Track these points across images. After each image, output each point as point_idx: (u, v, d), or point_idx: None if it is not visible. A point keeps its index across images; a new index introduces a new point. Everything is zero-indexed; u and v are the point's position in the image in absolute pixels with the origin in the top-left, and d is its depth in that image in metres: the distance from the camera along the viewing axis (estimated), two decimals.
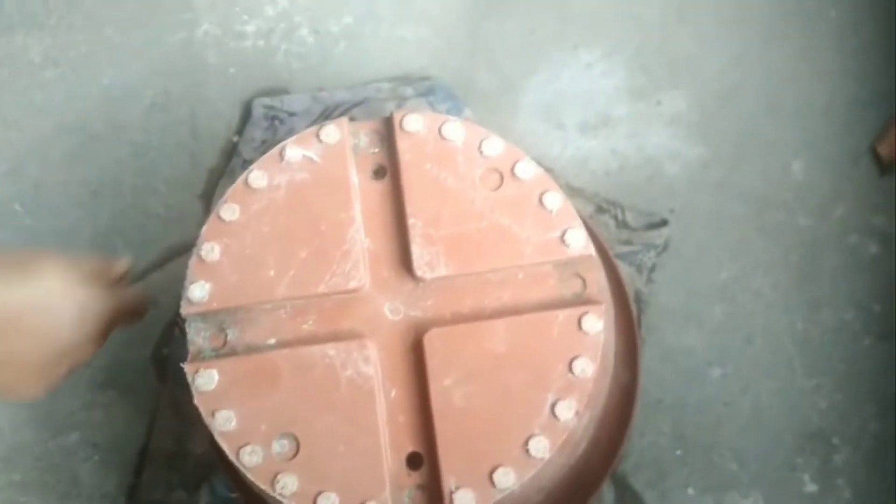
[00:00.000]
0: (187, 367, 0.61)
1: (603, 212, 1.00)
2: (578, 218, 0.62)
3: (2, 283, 0.58)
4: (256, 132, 1.01)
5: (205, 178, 1.03)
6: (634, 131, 1.03)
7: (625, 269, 0.96)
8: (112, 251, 1.01)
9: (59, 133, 1.05)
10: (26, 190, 1.03)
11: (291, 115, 1.01)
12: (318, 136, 0.64)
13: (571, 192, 1.01)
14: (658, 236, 0.99)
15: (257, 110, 1.02)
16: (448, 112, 1.02)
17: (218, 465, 0.91)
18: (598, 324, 0.60)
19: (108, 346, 0.98)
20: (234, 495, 0.92)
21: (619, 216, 1.00)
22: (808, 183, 1.01)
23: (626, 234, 1.00)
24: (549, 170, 1.02)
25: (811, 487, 0.93)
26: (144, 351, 0.99)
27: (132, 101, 1.05)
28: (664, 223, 1.00)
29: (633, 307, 0.93)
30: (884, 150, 1.00)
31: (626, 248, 0.98)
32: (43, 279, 0.60)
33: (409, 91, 1.03)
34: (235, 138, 1.04)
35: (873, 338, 0.96)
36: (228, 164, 1.02)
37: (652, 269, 0.98)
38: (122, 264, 0.70)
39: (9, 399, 0.62)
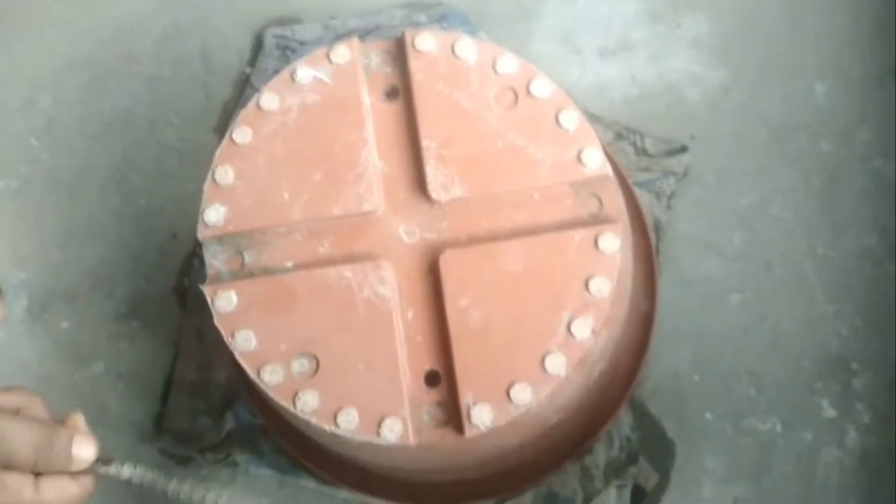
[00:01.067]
0: (206, 289, 0.62)
1: (622, 139, 0.99)
2: (595, 137, 0.62)
3: None
4: (269, 63, 1.00)
5: (219, 111, 1.02)
6: (654, 55, 1.01)
7: (644, 197, 0.96)
8: (128, 186, 1.02)
9: (71, 67, 1.05)
10: (41, 124, 1.04)
11: (303, 44, 1.00)
12: (328, 56, 0.63)
13: (590, 118, 0.99)
14: (678, 163, 0.98)
15: (269, 41, 1.01)
16: None
17: (241, 391, 0.93)
18: (614, 243, 0.59)
19: (130, 278, 1.00)
20: (257, 421, 0.94)
21: (639, 143, 0.99)
22: (832, 106, 0.99)
23: (646, 161, 0.98)
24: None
25: (830, 412, 0.93)
26: (166, 282, 1.00)
27: (143, 32, 1.04)
28: (684, 150, 0.98)
29: (652, 235, 0.92)
30: None
31: (645, 176, 0.97)
32: None
33: (422, 17, 1.02)
34: (248, 70, 1.03)
35: None
36: (241, 96, 1.01)
37: (671, 197, 0.97)
38: (85, 453, 0.55)
39: None
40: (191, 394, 0.96)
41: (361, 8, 1.03)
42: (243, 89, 1.02)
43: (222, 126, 1.02)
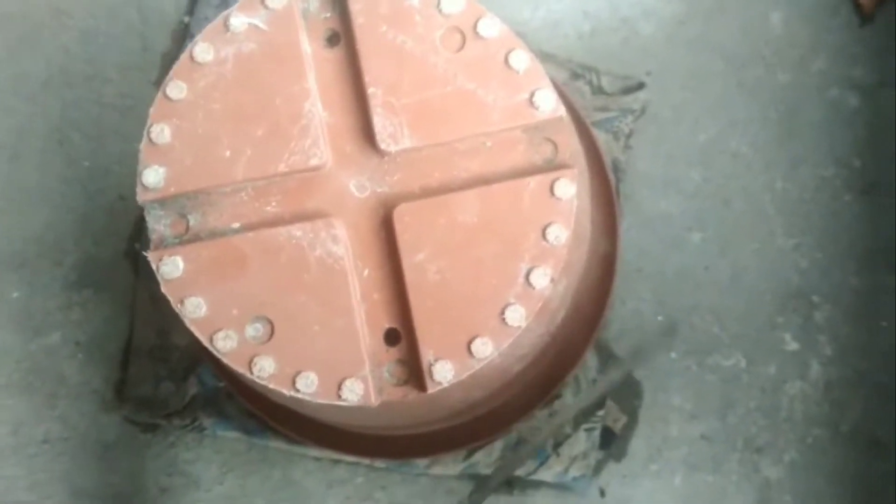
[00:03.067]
0: (150, 256, 0.59)
1: (577, 77, 0.97)
2: (547, 77, 0.59)
3: None
4: (208, 10, 0.96)
5: (158, 64, 0.98)
6: None
7: (602, 137, 0.94)
8: (71, 146, 0.98)
9: (2, 26, 0.99)
10: None
11: None
12: (263, 1, 0.59)
13: (544, 57, 0.96)
14: (635, 100, 0.96)
15: None
16: None
17: (202, 356, 0.91)
18: (570, 188, 0.58)
19: (78, 243, 0.97)
20: (221, 384, 0.92)
21: (595, 81, 0.97)
22: (787, 35, 0.97)
23: (602, 100, 0.96)
24: (519, 35, 0.98)
25: (793, 346, 0.94)
26: (116, 247, 0.97)
27: None
28: (641, 86, 0.96)
29: (612, 176, 0.91)
30: None
31: (602, 115, 0.95)
32: None
33: None
34: (186, 19, 0.98)
35: (854, 193, 0.95)
36: (181, 47, 0.97)
37: (629, 136, 0.96)
38: None
39: None
40: (151, 360, 0.94)
41: None
42: (183, 40, 0.98)
43: (162, 79, 0.97)
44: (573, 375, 0.90)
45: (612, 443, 0.92)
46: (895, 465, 0.90)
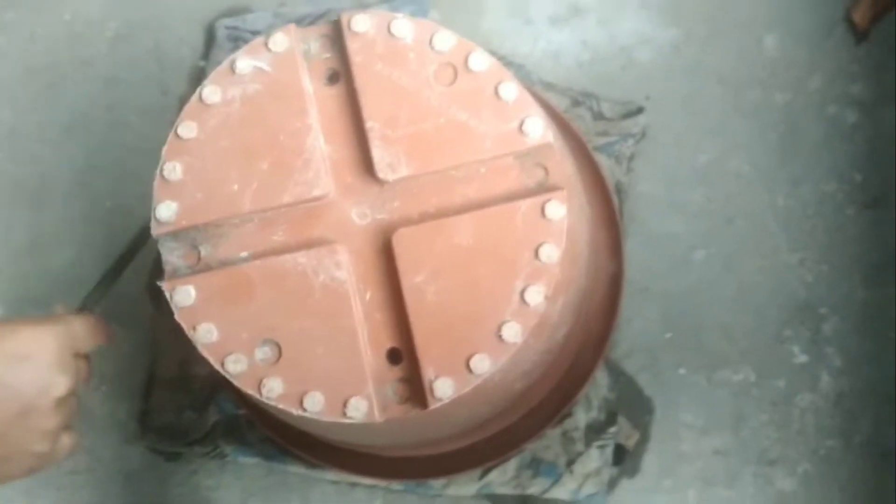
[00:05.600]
0: (165, 285, 0.63)
1: (578, 105, 0.99)
2: (535, 105, 0.62)
3: None
4: (222, 55, 1.00)
5: (176, 107, 1.02)
6: (605, 18, 1.02)
7: (604, 161, 0.96)
8: (93, 188, 1.02)
9: (27, 75, 1.05)
10: (2, 135, 1.04)
11: (255, 33, 1.00)
12: (266, 45, 0.63)
13: (545, 87, 1.00)
14: (635, 125, 0.99)
15: (220, 32, 1.01)
16: (413, 14, 1.00)
17: (222, 383, 0.94)
18: (560, 210, 0.60)
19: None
20: (241, 411, 0.95)
21: (595, 108, 0.99)
22: (783, 57, 1.00)
23: (603, 125, 0.99)
24: (520, 67, 1.01)
25: (801, 358, 0.95)
26: (138, 282, 1.00)
27: (95, 34, 1.04)
28: (640, 111, 0.99)
29: (615, 198, 0.93)
30: (858, 17, 0.98)
31: (603, 140, 0.98)
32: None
33: None
34: (202, 63, 1.03)
35: (856, 207, 0.97)
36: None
37: (631, 159, 0.98)
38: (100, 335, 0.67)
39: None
40: (173, 390, 0.97)
41: None
42: (199, 83, 1.02)
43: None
44: (583, 394, 0.92)
45: (624, 459, 0.93)
46: None
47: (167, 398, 0.97)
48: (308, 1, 1.03)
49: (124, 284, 1.00)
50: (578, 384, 0.90)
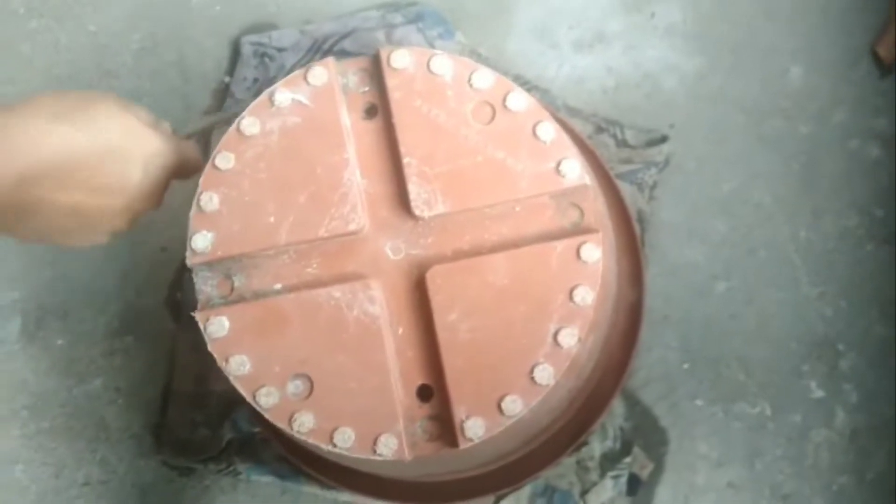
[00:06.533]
0: (198, 316, 0.62)
1: (602, 131, 1.00)
2: (573, 147, 0.62)
3: (62, 127, 0.56)
4: (247, 71, 1.00)
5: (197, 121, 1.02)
6: (630, 46, 1.02)
7: (626, 189, 0.96)
8: None
9: (52, 84, 1.04)
10: None
11: (280, 50, 1.00)
12: (305, 78, 0.63)
13: (569, 112, 1.00)
14: (658, 153, 0.99)
15: (246, 48, 1.01)
16: (440, 37, 1.00)
17: (239, 401, 0.94)
18: (596, 252, 0.60)
19: (121, 293, 1.01)
20: (256, 429, 0.95)
21: (619, 135, 1.00)
22: (807, 88, 1.00)
23: (627, 152, 0.99)
24: (545, 91, 1.01)
25: (818, 393, 0.95)
26: (157, 296, 1.01)
27: (120, 46, 1.04)
28: (664, 139, 0.99)
29: (636, 226, 0.93)
30: (883, 50, 0.98)
31: (626, 167, 0.98)
32: (106, 123, 0.58)
33: (397, 18, 1.02)
34: (227, 79, 1.03)
35: (876, 242, 0.97)
36: (221, 105, 1.01)
37: (653, 187, 0.98)
38: (167, 125, 0.68)
39: (70, 246, 0.62)
40: (189, 405, 0.97)
41: (336, 10, 1.03)
42: (223, 98, 1.02)
43: (205, 135, 1.02)
44: (600, 423, 0.92)
45: (638, 490, 0.93)
46: None
47: (183, 413, 0.97)
48: (334, 19, 1.02)
49: (144, 298, 1.01)
50: (596, 413, 0.90)
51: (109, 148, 0.58)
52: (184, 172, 0.65)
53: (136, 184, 0.60)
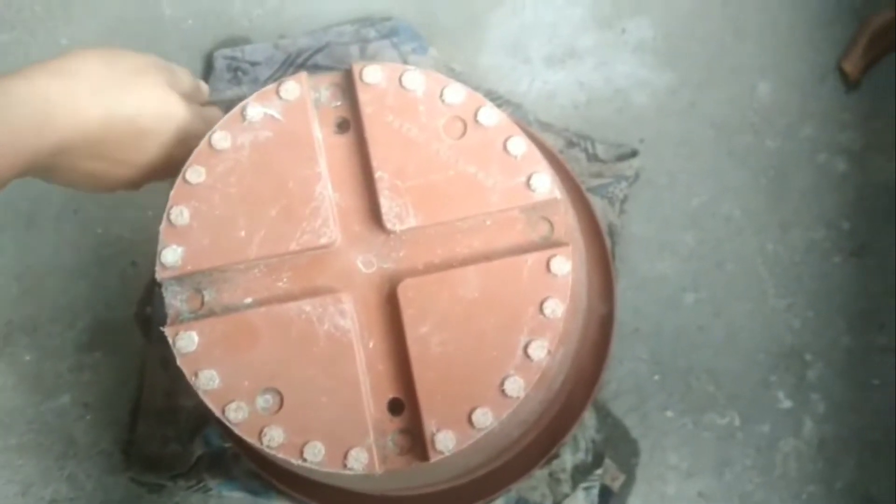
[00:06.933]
0: (167, 331, 0.62)
1: (573, 146, 1.00)
2: (543, 161, 0.63)
3: (105, 101, 0.58)
4: (220, 85, 1.00)
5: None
6: (601, 61, 1.03)
7: (597, 203, 0.97)
8: (84, 213, 1.01)
9: None
10: None
11: (254, 64, 1.00)
12: (277, 92, 0.63)
13: (541, 126, 1.01)
14: (629, 167, 1.00)
15: (219, 62, 1.01)
16: (413, 52, 1.01)
17: (210, 417, 0.93)
18: (566, 265, 0.61)
19: (90, 308, 1.00)
20: (227, 445, 0.94)
21: (590, 149, 1.01)
22: (776, 104, 1.01)
23: (597, 166, 1.00)
24: (517, 105, 1.02)
25: (786, 404, 0.96)
26: (126, 311, 1.00)
27: None
28: (634, 154, 1.00)
29: (607, 240, 0.94)
30: (849, 66, 1.00)
31: (597, 182, 0.99)
32: (146, 103, 0.61)
33: (371, 33, 1.02)
34: None
35: (843, 255, 0.98)
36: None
37: (624, 201, 0.99)
38: (204, 87, 0.71)
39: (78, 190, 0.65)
40: (159, 421, 0.96)
41: (310, 25, 1.04)
42: None
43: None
44: (572, 435, 0.92)
45: (610, 501, 0.94)
46: None
47: (153, 430, 0.96)
48: (308, 34, 1.03)
49: (113, 312, 1.00)
50: (567, 425, 0.90)
51: (143, 130, 0.61)
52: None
53: (161, 161, 0.64)
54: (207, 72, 1.02)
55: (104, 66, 0.60)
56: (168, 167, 0.65)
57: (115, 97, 0.59)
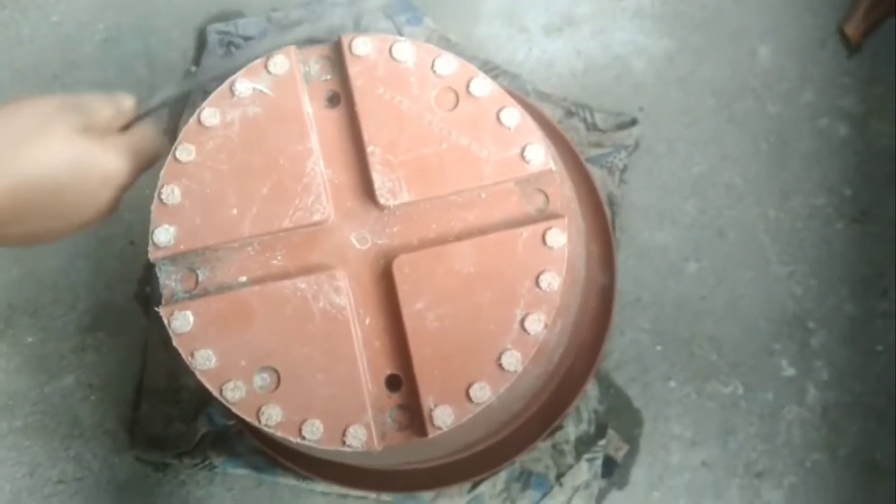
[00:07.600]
0: (162, 311, 0.62)
1: (572, 115, 0.99)
2: (538, 132, 0.62)
3: (3, 163, 0.52)
4: (213, 60, 0.99)
5: (167, 112, 1.01)
6: (599, 29, 1.01)
7: (597, 173, 0.96)
8: None
9: (16, 77, 1.03)
10: None
11: (247, 39, 0.99)
12: (266, 67, 0.62)
13: (539, 96, 0.99)
14: (628, 136, 0.99)
15: (212, 37, 1.00)
16: (408, 22, 0.99)
17: (212, 395, 0.93)
18: (561, 238, 0.60)
19: (91, 288, 1.00)
20: (230, 422, 0.95)
21: (589, 119, 0.99)
22: (776, 69, 1.00)
23: (597, 136, 0.99)
24: (515, 75, 1.01)
25: (789, 371, 0.96)
26: (128, 291, 1.00)
27: (85, 37, 1.03)
28: (634, 122, 0.99)
29: (607, 210, 0.93)
30: (851, 29, 0.99)
31: (596, 151, 0.98)
32: (55, 163, 0.54)
33: (365, 4, 1.01)
34: (193, 68, 1.01)
35: (845, 221, 0.97)
36: (189, 95, 1.00)
37: (623, 170, 0.98)
38: (128, 103, 0.63)
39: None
40: (162, 400, 0.97)
41: None
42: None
43: (172, 125, 1.01)
44: (574, 406, 0.92)
45: (614, 472, 0.94)
46: (894, 488, 0.92)
47: (156, 409, 0.96)
48: (301, 6, 1.01)
49: (114, 293, 1.00)
50: (570, 397, 0.90)
51: (60, 185, 0.55)
52: (145, 167, 0.63)
53: (100, 203, 0.58)
54: (200, 47, 1.01)
55: (2, 127, 0.54)
56: (102, 212, 0.60)
57: (16, 162, 0.53)
